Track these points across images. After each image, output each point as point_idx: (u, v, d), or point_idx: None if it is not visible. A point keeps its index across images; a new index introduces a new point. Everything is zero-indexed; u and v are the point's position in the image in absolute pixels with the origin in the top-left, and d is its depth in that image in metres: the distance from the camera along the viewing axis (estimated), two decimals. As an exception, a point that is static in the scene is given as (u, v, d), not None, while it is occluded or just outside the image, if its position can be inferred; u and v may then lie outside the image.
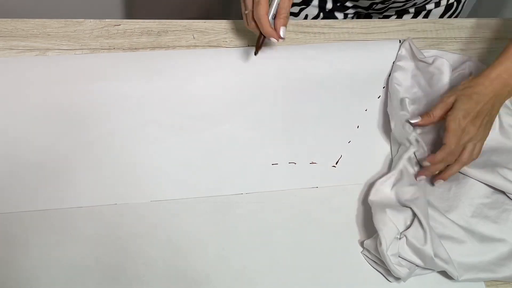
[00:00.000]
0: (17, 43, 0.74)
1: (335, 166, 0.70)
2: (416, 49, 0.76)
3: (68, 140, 0.67)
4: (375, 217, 0.61)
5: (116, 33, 0.78)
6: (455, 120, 0.63)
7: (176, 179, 0.66)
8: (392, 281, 0.61)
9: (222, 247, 0.62)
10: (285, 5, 0.66)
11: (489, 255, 0.62)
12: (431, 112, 0.67)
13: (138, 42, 0.77)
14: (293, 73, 0.77)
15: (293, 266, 0.61)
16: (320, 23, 0.84)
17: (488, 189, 0.68)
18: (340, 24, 0.84)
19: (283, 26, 0.66)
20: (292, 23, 0.83)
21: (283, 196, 0.66)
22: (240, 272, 0.60)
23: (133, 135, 0.68)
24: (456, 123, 0.63)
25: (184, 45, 0.78)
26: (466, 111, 0.63)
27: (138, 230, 0.61)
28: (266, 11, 0.64)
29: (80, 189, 0.64)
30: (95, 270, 0.58)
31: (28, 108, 0.69)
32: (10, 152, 0.65)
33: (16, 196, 0.62)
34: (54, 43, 0.75)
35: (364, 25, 0.84)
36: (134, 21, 0.79)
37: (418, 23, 0.86)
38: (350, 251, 0.63)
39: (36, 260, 0.58)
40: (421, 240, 0.59)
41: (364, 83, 0.78)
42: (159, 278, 0.59)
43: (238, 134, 0.70)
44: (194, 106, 0.72)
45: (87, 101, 0.70)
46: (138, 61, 0.75)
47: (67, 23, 0.77)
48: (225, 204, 0.65)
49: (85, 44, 0.76)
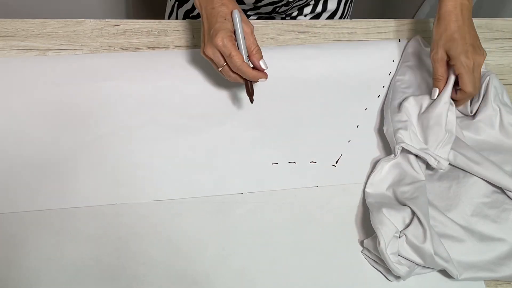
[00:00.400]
0: (17, 43, 0.74)
1: (335, 166, 0.70)
2: (424, 46, 0.77)
3: (68, 140, 0.67)
4: (372, 217, 0.61)
5: (116, 33, 0.78)
6: (463, 67, 0.67)
7: (176, 179, 0.66)
8: (392, 280, 0.61)
9: (222, 247, 0.62)
10: (251, 41, 0.65)
11: (489, 254, 0.62)
12: (437, 75, 0.69)
13: (138, 42, 0.77)
14: (293, 73, 0.77)
15: (293, 266, 0.61)
16: (320, 23, 0.84)
17: (488, 189, 0.68)
18: (340, 24, 0.84)
19: (260, 60, 0.66)
20: (292, 23, 0.83)
21: (283, 196, 0.66)
22: (240, 272, 0.60)
23: (133, 135, 0.68)
24: (465, 68, 0.67)
25: (184, 45, 0.78)
26: (463, 51, 0.67)
27: (138, 230, 0.62)
28: (241, 59, 0.63)
29: (80, 189, 0.64)
30: (95, 270, 0.58)
31: (28, 108, 0.69)
32: (10, 152, 0.65)
33: (16, 196, 0.62)
34: (54, 43, 0.75)
35: (364, 25, 0.84)
36: (134, 21, 0.79)
37: (418, 23, 0.86)
38: (350, 251, 0.63)
39: (36, 260, 0.58)
40: (420, 239, 0.59)
41: (364, 82, 0.78)
42: (159, 278, 0.59)
43: (238, 133, 0.71)
44: (194, 106, 0.72)
45: (87, 101, 0.70)
46: (138, 61, 0.75)
47: (67, 23, 0.77)
48: (225, 204, 0.65)
49: (85, 44, 0.76)
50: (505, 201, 0.67)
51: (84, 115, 0.69)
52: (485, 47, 0.68)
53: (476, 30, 0.71)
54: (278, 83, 0.75)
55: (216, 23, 0.63)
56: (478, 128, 0.73)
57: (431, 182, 0.68)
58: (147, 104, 0.71)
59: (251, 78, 0.65)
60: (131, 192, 0.64)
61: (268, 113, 0.73)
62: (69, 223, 0.61)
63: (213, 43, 0.63)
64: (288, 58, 0.78)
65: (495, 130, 0.72)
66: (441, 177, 0.69)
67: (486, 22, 0.88)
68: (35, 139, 0.66)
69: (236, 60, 0.63)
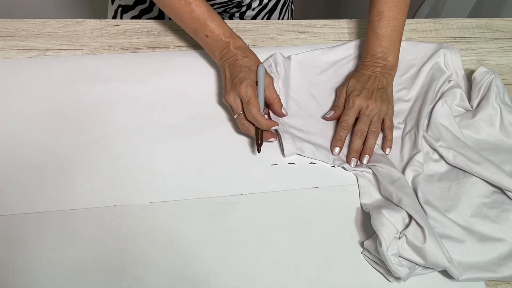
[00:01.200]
0: (17, 43, 0.74)
1: (334, 166, 0.69)
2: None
3: (67, 142, 0.67)
4: (373, 219, 0.61)
5: (116, 33, 0.78)
6: (349, 98, 0.71)
7: (175, 180, 0.66)
8: (392, 281, 0.61)
9: (222, 247, 0.62)
10: (272, 90, 0.70)
11: (489, 254, 0.62)
12: (337, 103, 0.73)
13: (138, 42, 0.77)
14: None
15: (293, 267, 0.61)
16: (320, 23, 0.84)
17: (488, 189, 0.68)
18: (340, 24, 0.84)
19: (282, 107, 0.70)
20: (293, 23, 0.83)
21: (283, 197, 0.66)
22: (240, 272, 0.60)
23: (133, 137, 0.68)
24: (349, 100, 0.71)
25: (184, 45, 0.78)
26: (356, 89, 0.71)
27: (138, 232, 0.61)
28: (258, 108, 0.66)
29: (80, 191, 0.63)
30: (94, 272, 0.58)
31: (27, 110, 0.69)
32: (9, 154, 0.65)
33: (16, 198, 0.62)
34: (54, 43, 0.75)
35: (364, 25, 0.84)
36: (134, 21, 0.79)
37: (418, 23, 0.86)
38: (350, 251, 0.63)
39: (36, 262, 0.58)
40: (420, 239, 0.59)
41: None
42: (159, 279, 0.59)
43: (238, 134, 0.70)
44: (193, 106, 0.72)
45: (86, 103, 0.70)
46: (137, 62, 0.75)
47: (67, 23, 0.77)
48: (225, 205, 0.65)
49: (85, 44, 0.76)
50: (505, 201, 0.67)
51: (83, 117, 0.69)
52: (485, 47, 0.68)
53: (476, 30, 0.70)
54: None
55: (240, 73, 0.68)
56: (478, 126, 0.73)
57: (431, 183, 0.68)
58: (147, 105, 0.71)
59: (264, 126, 0.66)
60: (130, 193, 0.64)
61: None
62: (69, 225, 0.61)
63: (236, 90, 0.67)
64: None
65: (495, 129, 0.72)
66: (441, 178, 0.69)
67: (486, 22, 0.88)
68: (34, 141, 0.66)
69: (253, 107, 0.65)
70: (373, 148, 0.69)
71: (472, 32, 0.86)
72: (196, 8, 0.69)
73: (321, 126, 0.72)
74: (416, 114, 0.73)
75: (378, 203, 0.65)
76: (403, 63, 0.79)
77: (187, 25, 0.71)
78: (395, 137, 0.72)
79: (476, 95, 0.74)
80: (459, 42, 0.85)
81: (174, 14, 0.71)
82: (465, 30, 0.86)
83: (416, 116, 0.73)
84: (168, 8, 0.71)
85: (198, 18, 0.70)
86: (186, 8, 0.69)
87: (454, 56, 0.78)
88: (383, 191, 0.66)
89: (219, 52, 0.71)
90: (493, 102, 0.73)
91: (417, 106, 0.74)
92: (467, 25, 0.87)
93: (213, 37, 0.70)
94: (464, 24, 0.87)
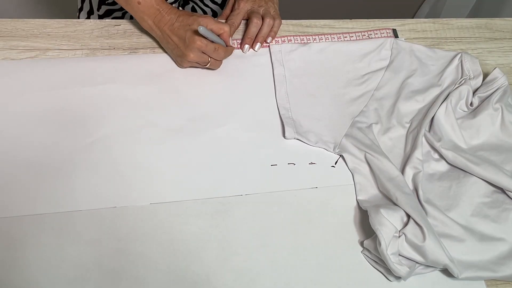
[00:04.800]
0: (17, 43, 0.74)
1: (334, 166, 0.70)
2: None
3: (67, 143, 0.67)
4: (371, 218, 0.61)
5: (116, 33, 0.78)
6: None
7: (175, 181, 0.66)
8: (392, 280, 0.61)
9: (222, 248, 0.62)
10: (219, 25, 0.72)
11: (489, 254, 0.62)
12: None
13: (138, 42, 0.77)
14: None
15: (293, 267, 0.61)
16: (320, 23, 0.84)
17: (489, 188, 0.68)
18: (340, 24, 0.84)
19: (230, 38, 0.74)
20: (292, 23, 0.83)
21: (283, 197, 0.66)
22: (240, 273, 0.60)
23: (132, 138, 0.68)
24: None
25: (184, 45, 0.78)
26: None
27: (138, 233, 0.61)
28: (224, 47, 0.72)
29: (80, 192, 0.63)
30: (95, 273, 0.58)
31: (26, 112, 0.69)
32: (9, 156, 0.65)
33: (16, 200, 0.62)
34: (54, 43, 0.75)
35: (364, 25, 0.84)
36: (134, 21, 0.79)
37: (418, 23, 0.86)
38: (350, 251, 0.63)
39: (36, 264, 0.58)
40: (420, 238, 0.59)
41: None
42: (159, 280, 0.59)
43: (237, 135, 0.70)
44: (193, 107, 0.72)
45: (85, 104, 0.70)
46: (136, 64, 0.75)
47: (67, 23, 0.77)
48: (224, 206, 0.65)
49: (85, 44, 0.76)
50: (505, 201, 0.67)
51: (83, 118, 0.69)
52: (485, 47, 0.68)
53: (476, 30, 0.70)
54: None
55: (187, 32, 0.70)
56: (479, 127, 0.73)
57: (432, 182, 0.68)
58: (146, 106, 0.71)
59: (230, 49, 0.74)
60: (130, 195, 0.64)
61: (267, 114, 0.73)
62: (69, 227, 0.61)
63: (193, 46, 0.70)
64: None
65: (496, 128, 0.72)
66: (442, 177, 0.69)
67: (486, 22, 0.88)
68: (34, 143, 0.66)
69: (220, 48, 0.71)
70: (265, 37, 0.78)
71: (472, 32, 0.86)
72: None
73: (329, 113, 0.74)
74: (423, 115, 0.73)
75: (375, 200, 0.65)
76: (422, 67, 0.79)
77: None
78: (399, 135, 0.72)
79: (481, 93, 0.74)
80: (459, 42, 0.85)
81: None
82: (465, 30, 0.86)
83: (422, 117, 0.73)
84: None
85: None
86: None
87: (473, 62, 0.78)
88: (381, 187, 0.66)
89: (152, 20, 0.72)
90: (493, 103, 0.73)
91: (425, 108, 0.74)
92: (467, 25, 0.87)
93: (145, 4, 0.71)
94: (464, 24, 0.87)
